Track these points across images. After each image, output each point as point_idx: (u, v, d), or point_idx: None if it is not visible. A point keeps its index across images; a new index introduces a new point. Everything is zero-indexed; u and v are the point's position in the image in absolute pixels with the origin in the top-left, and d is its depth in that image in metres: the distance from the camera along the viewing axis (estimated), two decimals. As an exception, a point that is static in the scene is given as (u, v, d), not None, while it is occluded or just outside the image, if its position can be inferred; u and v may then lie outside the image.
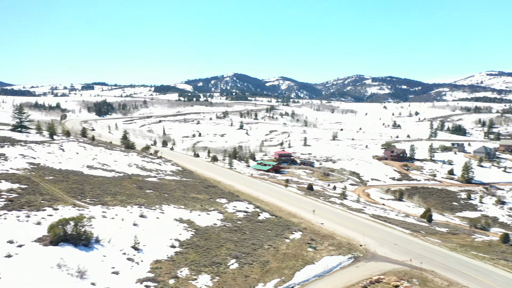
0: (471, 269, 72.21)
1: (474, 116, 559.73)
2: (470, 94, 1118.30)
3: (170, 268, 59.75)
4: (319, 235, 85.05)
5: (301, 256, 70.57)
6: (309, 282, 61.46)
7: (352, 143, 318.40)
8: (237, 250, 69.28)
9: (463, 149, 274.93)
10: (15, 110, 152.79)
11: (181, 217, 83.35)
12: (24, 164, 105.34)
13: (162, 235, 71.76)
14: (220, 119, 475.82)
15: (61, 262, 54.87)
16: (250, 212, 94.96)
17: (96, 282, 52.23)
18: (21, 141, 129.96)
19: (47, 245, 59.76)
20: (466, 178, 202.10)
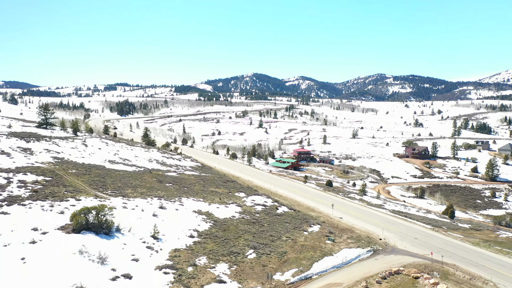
0: (494, 263, 70.49)
1: (499, 114, 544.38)
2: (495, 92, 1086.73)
3: (188, 256, 60.50)
4: (338, 228, 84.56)
5: (319, 248, 70.31)
6: (327, 272, 61.18)
7: (372, 141, 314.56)
8: (255, 241, 69.59)
9: (488, 147, 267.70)
10: (41, 108, 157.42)
11: (200, 209, 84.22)
12: (48, 158, 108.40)
13: (181, 225, 72.71)
14: (239, 118, 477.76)
15: (83, 248, 56.31)
16: (268, 206, 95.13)
17: (116, 268, 53.36)
18: (46, 137, 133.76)
19: (69, 232, 61.48)
20: (490, 176, 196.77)
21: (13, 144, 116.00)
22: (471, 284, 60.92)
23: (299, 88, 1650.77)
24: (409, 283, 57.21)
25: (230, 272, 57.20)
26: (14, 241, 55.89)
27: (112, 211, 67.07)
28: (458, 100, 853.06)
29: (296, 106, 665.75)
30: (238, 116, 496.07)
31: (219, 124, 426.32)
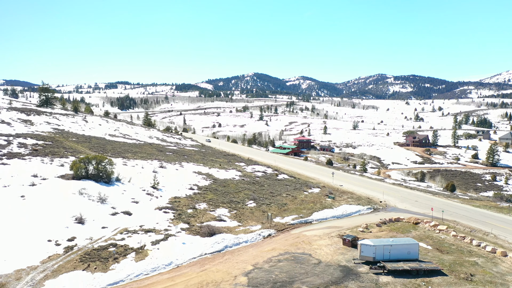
0: (495, 220, 70.24)
1: (500, 111, 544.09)
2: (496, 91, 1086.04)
3: (188, 202, 60.43)
4: (338, 191, 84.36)
5: (319, 202, 70.17)
6: (327, 220, 61.03)
7: (373, 132, 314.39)
8: (255, 195, 69.50)
9: (489, 137, 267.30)
10: (41, 88, 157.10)
11: (199, 171, 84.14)
12: (48, 129, 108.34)
13: (181, 181, 72.63)
14: (240, 112, 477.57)
15: (83, 191, 56.28)
16: (268, 173, 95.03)
17: (116, 207, 53.32)
18: (47, 112, 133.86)
19: (69, 179, 61.47)
20: (491, 161, 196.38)
21: (14, 116, 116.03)
22: (472, 235, 60.71)
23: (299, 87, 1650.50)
24: (409, 227, 57.11)
25: (230, 214, 57.13)
26: (14, 183, 55.93)
27: (112, 162, 67.01)
28: (459, 99, 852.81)
29: (296, 103, 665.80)
30: (239, 110, 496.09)
31: (219, 117, 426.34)
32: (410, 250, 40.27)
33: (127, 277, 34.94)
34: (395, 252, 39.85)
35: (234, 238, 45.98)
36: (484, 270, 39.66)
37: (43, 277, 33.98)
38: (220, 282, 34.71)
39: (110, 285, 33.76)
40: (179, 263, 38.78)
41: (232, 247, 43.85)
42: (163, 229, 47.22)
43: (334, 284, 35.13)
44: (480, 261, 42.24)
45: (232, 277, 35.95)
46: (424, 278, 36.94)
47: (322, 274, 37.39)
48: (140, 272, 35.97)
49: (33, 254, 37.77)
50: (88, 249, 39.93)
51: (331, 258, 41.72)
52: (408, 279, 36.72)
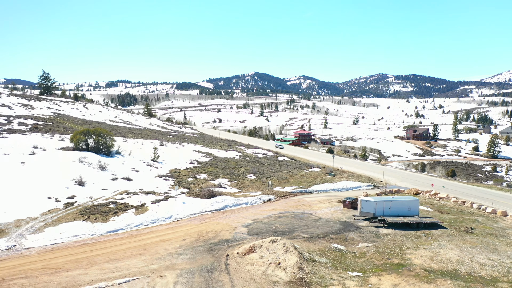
0: (496, 196, 70.00)
1: (501, 108, 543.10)
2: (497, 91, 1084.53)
3: (188, 173, 60.39)
4: (339, 171, 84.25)
5: (319, 178, 70.09)
6: (327, 192, 60.90)
7: (373, 126, 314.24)
8: (255, 169, 69.44)
9: (489, 131, 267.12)
10: (42, 76, 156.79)
11: (200, 150, 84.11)
12: (49, 113, 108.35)
13: (181, 157, 72.59)
14: (240, 109, 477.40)
15: (83, 159, 56.24)
16: (269, 155, 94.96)
17: (116, 174, 53.28)
18: (47, 99, 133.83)
19: (69, 150, 61.45)
20: (491, 153, 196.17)
21: (14, 100, 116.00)
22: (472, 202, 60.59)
23: (300, 87, 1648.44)
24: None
25: (230, 183, 57.07)
26: (14, 152, 55.90)
27: (112, 137, 67.00)
28: (459, 98, 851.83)
29: (297, 101, 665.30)
30: (239, 107, 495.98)
31: (220, 113, 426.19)
32: (411, 207, 40.20)
33: (127, 226, 34.89)
34: (395, 208, 39.77)
35: (234, 199, 45.95)
36: (485, 225, 39.60)
37: (42, 225, 33.96)
38: (220, 231, 34.67)
39: (110, 232, 33.71)
40: (179, 218, 38.75)
41: (232, 207, 43.80)
42: (163, 192, 47.20)
43: (334, 234, 35.07)
44: (480, 219, 42.19)
45: (232, 227, 35.90)
46: (424, 231, 36.87)
47: (322, 226, 37.33)
48: (140, 222, 35.93)
49: (33, 208, 37.74)
50: (88, 205, 39.90)
51: (331, 216, 41.68)
52: (408, 231, 36.66)
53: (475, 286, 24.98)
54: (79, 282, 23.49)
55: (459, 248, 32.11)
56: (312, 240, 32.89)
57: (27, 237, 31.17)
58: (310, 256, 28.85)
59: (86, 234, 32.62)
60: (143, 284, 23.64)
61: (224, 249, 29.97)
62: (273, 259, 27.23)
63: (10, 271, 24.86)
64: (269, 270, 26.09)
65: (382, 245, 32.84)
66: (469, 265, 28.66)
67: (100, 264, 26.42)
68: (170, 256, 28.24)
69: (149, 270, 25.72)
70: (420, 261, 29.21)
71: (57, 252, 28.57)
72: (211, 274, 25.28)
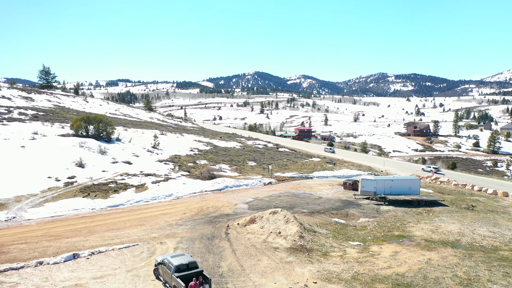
0: (496, 184, 69.77)
1: (501, 107, 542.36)
2: (497, 90, 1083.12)
3: (188, 159, 60.30)
4: (339, 161, 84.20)
5: (320, 166, 70.01)
6: (328, 178, 60.82)
7: (374, 123, 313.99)
8: (256, 157, 69.35)
9: (490, 127, 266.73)
10: (42, 71, 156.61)
11: (200, 140, 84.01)
12: (49, 105, 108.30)
13: (181, 145, 72.49)
14: (240, 107, 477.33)
15: (83, 144, 56.18)
16: (269, 146, 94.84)
17: (116, 158, 53.19)
18: (47, 92, 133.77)
19: (69, 136, 61.37)
20: (492, 149, 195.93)
21: (14, 93, 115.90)
22: (473, 194, 60.49)
23: (300, 86, 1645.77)
24: (410, 181, 56.83)
25: (230, 168, 56.99)
26: (15, 138, 55.85)
27: (112, 124, 66.96)
28: (460, 96, 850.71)
29: (297, 99, 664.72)
30: (240, 105, 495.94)
31: (220, 110, 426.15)
32: (411, 186, 40.09)
33: (127, 202, 34.81)
34: (396, 187, 39.66)
35: (235, 181, 45.87)
36: (486, 204, 39.49)
37: (42, 200, 33.87)
38: (221, 206, 34.59)
39: (110, 207, 33.62)
40: (179, 196, 38.66)
41: (232, 187, 43.71)
42: (163, 174, 47.12)
43: (334, 210, 34.98)
44: (481, 199, 42.09)
45: (232, 204, 35.82)
46: (425, 208, 36.76)
47: (323, 204, 37.24)
48: (140, 199, 35.84)
49: (32, 186, 37.66)
50: (88, 184, 39.82)
51: (332, 196, 41.59)
52: (409, 208, 36.56)
53: (476, 254, 24.88)
54: (79, 247, 23.40)
55: (460, 222, 32.02)
56: (312, 215, 32.80)
57: (27, 211, 31.10)
58: (310, 227, 28.76)
59: (86, 209, 32.54)
60: (143, 249, 23.56)
61: (224, 221, 29.90)
62: (274, 229, 27.15)
63: (10, 237, 24.78)
64: (270, 238, 25.99)
65: (383, 220, 32.75)
66: (470, 236, 28.57)
67: (100, 233, 26.34)
68: (170, 227, 28.17)
69: (150, 238, 25.64)
70: (421, 233, 29.12)
71: (57, 223, 28.50)
72: (211, 241, 25.20)
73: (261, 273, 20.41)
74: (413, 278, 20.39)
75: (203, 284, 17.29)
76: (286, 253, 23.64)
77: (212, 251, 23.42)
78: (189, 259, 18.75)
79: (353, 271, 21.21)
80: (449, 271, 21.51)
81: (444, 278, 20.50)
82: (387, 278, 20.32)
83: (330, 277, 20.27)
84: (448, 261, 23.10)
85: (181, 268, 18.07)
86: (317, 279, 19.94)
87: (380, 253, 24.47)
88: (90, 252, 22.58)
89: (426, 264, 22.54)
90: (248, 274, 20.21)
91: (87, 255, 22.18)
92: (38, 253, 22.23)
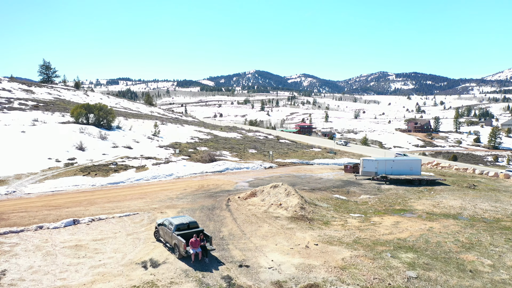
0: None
1: (502, 104, 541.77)
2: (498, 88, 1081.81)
3: (188, 146, 60.20)
4: (340, 151, 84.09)
5: (320, 155, 69.90)
6: (328, 165, 60.69)
7: (374, 120, 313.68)
8: (256, 146, 69.24)
9: (491, 123, 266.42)
10: (42, 66, 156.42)
11: (200, 130, 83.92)
12: (50, 97, 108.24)
13: (182, 134, 72.41)
14: (241, 104, 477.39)
15: (83, 130, 56.11)
16: (270, 138, 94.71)
17: (116, 142, 53.13)
18: (48, 85, 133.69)
19: (70, 123, 61.29)
20: (492, 144, 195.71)
21: (15, 86, 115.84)
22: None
23: (301, 85, 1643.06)
24: (411, 167, 56.69)
25: (231, 155, 56.89)
26: (15, 124, 55.81)
27: (112, 112, 66.89)
28: (460, 95, 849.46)
29: (298, 97, 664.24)
30: (240, 103, 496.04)
31: (220, 108, 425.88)
32: (413, 166, 39.97)
33: (127, 180, 34.74)
34: (397, 167, 39.54)
35: (236, 163, 45.80)
36: (487, 184, 39.36)
37: (42, 178, 33.81)
38: (221, 184, 34.51)
39: (111, 184, 33.56)
40: (180, 176, 38.58)
41: (233, 170, 43.63)
42: (163, 158, 47.03)
43: (335, 188, 34.86)
44: (483, 180, 41.97)
45: (233, 182, 35.74)
46: (427, 187, 36.65)
47: (324, 183, 37.15)
48: (140, 177, 35.78)
49: (33, 166, 37.61)
50: (89, 165, 39.74)
51: (332, 177, 41.50)
52: (410, 187, 36.44)
53: (478, 224, 24.76)
54: (79, 215, 23.31)
55: (461, 199, 31.90)
56: (313, 191, 32.71)
57: (27, 186, 31.03)
58: (311, 201, 28.66)
59: (86, 185, 32.48)
60: (144, 217, 23.48)
61: (225, 196, 29.81)
62: (275, 201, 27.05)
63: (9, 207, 24.71)
64: (271, 209, 25.90)
65: (384, 197, 32.64)
66: (472, 210, 28.46)
67: (100, 204, 26.26)
68: (171, 200, 28.09)
69: (150, 208, 25.56)
70: (423, 207, 29.01)
71: (57, 196, 28.44)
72: (212, 211, 25.11)
73: (262, 237, 20.32)
74: (414, 242, 20.29)
75: (203, 241, 17.20)
76: (287, 221, 23.55)
77: (212, 219, 23.33)
78: (190, 219, 18.66)
79: (354, 236, 21.12)
80: (450, 237, 21.41)
81: (446, 242, 20.40)
82: (388, 242, 20.22)
83: (332, 241, 20.18)
84: (450, 229, 22.99)
85: (181, 228, 17.97)
86: (319, 242, 19.84)
87: (381, 223, 24.36)
88: (91, 219, 22.49)
89: (427, 231, 22.44)
90: (249, 238, 20.12)
91: (87, 221, 22.09)
92: (38, 220, 22.15)
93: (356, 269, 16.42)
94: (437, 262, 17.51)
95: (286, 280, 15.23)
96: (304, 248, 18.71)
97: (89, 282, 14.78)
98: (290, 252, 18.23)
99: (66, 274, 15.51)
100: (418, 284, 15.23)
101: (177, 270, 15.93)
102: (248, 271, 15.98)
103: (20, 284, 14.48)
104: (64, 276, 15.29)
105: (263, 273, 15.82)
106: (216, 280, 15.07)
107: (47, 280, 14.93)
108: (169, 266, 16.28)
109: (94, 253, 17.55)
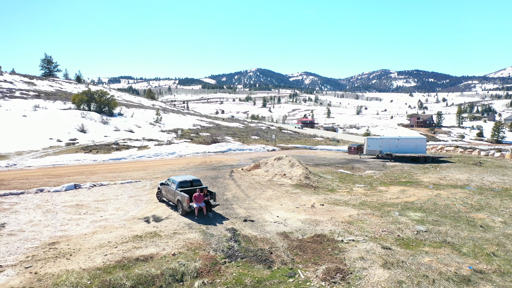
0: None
1: (505, 101, 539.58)
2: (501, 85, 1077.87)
3: (191, 131, 59.85)
4: (342, 140, 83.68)
5: (323, 142, 69.47)
6: (331, 151, 60.28)
7: (377, 116, 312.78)
8: (259, 133, 68.86)
9: (494, 118, 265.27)
10: (44, 60, 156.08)
11: (202, 119, 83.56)
12: (51, 89, 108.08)
13: (184, 122, 72.08)
14: (243, 101, 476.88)
15: (85, 115, 55.82)
16: (272, 128, 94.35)
17: (118, 127, 52.81)
18: (50, 79, 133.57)
19: (71, 110, 61.01)
20: (496, 138, 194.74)
21: (17, 78, 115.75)
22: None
23: (302, 83, 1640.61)
24: (416, 152, 56.26)
25: (233, 140, 56.49)
26: (16, 109, 55.57)
27: (113, 98, 66.60)
28: (463, 92, 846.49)
29: (299, 94, 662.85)
30: (242, 100, 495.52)
31: (222, 104, 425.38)
32: (418, 145, 39.50)
33: (129, 157, 34.38)
34: (402, 145, 39.08)
35: (239, 145, 45.38)
36: (493, 162, 38.86)
37: (43, 154, 33.49)
38: (224, 161, 34.13)
39: (113, 159, 33.19)
40: (182, 154, 38.20)
41: (235, 151, 43.24)
42: (165, 140, 46.66)
43: (340, 164, 34.43)
44: (489, 159, 41.46)
45: (236, 160, 35.35)
46: (432, 164, 36.17)
47: (328, 160, 36.74)
48: (142, 155, 35.42)
49: (34, 144, 37.31)
50: (90, 145, 39.39)
51: (336, 157, 41.02)
52: (415, 164, 35.97)
53: (486, 192, 24.30)
54: (80, 182, 22.96)
55: (468, 173, 31.45)
56: (318, 166, 32.31)
57: (28, 160, 30.71)
58: (316, 173, 28.23)
59: (88, 160, 32.12)
60: (146, 184, 23.11)
61: (228, 169, 29.44)
62: (279, 172, 26.65)
63: (10, 176, 24.39)
64: (275, 179, 25.50)
65: (389, 172, 32.20)
66: (479, 182, 28.00)
67: (102, 174, 25.91)
68: (173, 172, 27.72)
69: (152, 177, 25.19)
70: (429, 180, 28.56)
71: (58, 167, 28.11)
72: (215, 180, 24.74)
73: (266, 199, 19.92)
74: (422, 205, 19.86)
75: (207, 196, 16.81)
76: (292, 187, 23.15)
77: (216, 185, 22.96)
78: (193, 177, 18.28)
79: (361, 200, 20.71)
80: (459, 200, 20.98)
81: (454, 204, 19.97)
82: (396, 204, 19.80)
83: (338, 203, 19.78)
84: (458, 195, 22.56)
85: (184, 185, 17.59)
86: (324, 203, 19.43)
87: (387, 191, 23.94)
88: (92, 184, 22.15)
89: (435, 196, 22.01)
90: (254, 200, 19.73)
91: (88, 186, 21.75)
92: (39, 185, 21.80)
93: (364, 224, 16.01)
94: (446, 219, 17.08)
95: (292, 231, 14.84)
96: (310, 208, 18.32)
97: (91, 233, 14.41)
98: (296, 210, 17.83)
99: (67, 227, 15.15)
100: (427, 236, 14.80)
101: (180, 223, 15.56)
102: (253, 224, 15.59)
103: (19, 234, 14.12)
104: (65, 229, 14.93)
105: (269, 226, 15.44)
106: (221, 231, 14.68)
107: (47, 231, 14.56)
108: (172, 221, 15.91)
109: (95, 211, 17.19)
